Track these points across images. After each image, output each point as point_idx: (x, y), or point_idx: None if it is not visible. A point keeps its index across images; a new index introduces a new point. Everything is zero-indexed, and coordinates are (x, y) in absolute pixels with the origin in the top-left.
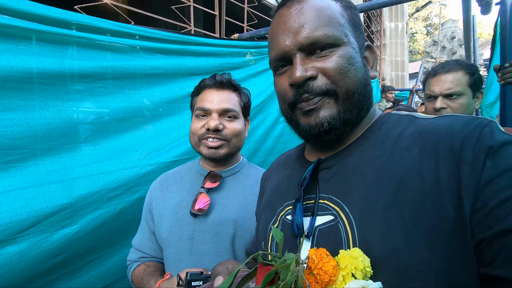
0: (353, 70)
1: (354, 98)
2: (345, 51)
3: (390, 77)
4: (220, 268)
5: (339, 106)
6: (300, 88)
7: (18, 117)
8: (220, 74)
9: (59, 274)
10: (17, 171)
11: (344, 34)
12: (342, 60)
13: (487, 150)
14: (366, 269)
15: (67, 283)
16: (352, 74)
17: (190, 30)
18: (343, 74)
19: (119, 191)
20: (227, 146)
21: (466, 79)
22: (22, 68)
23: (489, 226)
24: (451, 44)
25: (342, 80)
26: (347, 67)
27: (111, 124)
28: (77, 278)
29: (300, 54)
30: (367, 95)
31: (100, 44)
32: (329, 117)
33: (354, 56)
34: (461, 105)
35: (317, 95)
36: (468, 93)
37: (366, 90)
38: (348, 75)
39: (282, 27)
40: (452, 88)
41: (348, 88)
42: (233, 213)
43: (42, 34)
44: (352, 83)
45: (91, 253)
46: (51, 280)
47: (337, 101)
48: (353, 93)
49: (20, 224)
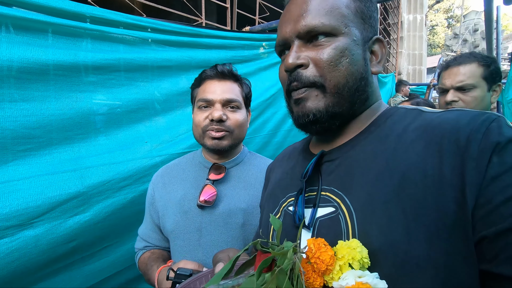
0: (345, 63)
1: (344, 92)
2: (341, 42)
3: (407, 71)
4: (221, 255)
5: (327, 100)
6: (291, 75)
7: (34, 108)
8: (221, 65)
9: (73, 260)
10: (33, 159)
11: (344, 24)
12: (334, 52)
13: (493, 146)
14: (364, 260)
15: (82, 268)
16: (344, 67)
17: (201, 23)
18: (333, 66)
19: (130, 181)
20: (230, 137)
21: (480, 71)
22: (38, 60)
23: (493, 223)
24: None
25: (331, 73)
26: (338, 60)
27: (123, 115)
28: (91, 264)
29: (298, 42)
30: (362, 89)
31: (113, 36)
32: (314, 109)
33: (351, 49)
34: (474, 98)
35: (304, 85)
36: (482, 85)
37: (360, 84)
38: (339, 68)
39: (287, 16)
40: (464, 80)
41: (337, 81)
42: (241, 202)
43: (58, 27)
44: (342, 76)
45: (103, 241)
46: (67, 265)
47: (325, 94)
48: (343, 87)
49: (36, 210)
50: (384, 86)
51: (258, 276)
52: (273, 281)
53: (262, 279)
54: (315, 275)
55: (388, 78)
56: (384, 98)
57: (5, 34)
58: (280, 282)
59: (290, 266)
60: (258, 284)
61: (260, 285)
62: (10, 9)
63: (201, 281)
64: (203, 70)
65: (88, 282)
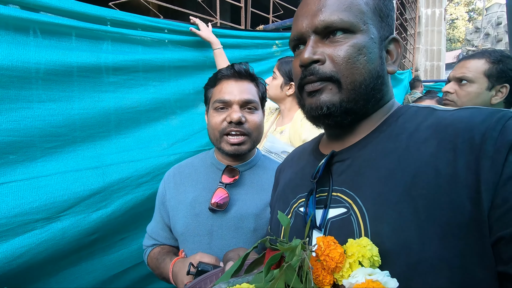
0: (363, 60)
1: (360, 89)
2: (359, 39)
3: (425, 68)
4: (231, 254)
5: (342, 95)
6: (306, 70)
7: (59, 107)
8: (237, 64)
9: (94, 249)
10: (59, 156)
11: (363, 22)
12: (352, 50)
13: (510, 144)
14: (374, 258)
15: (102, 258)
16: (362, 65)
17: (216, 22)
18: (350, 63)
19: (147, 178)
20: (249, 141)
21: (484, 68)
22: (63, 62)
23: (510, 224)
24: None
25: (349, 70)
26: (356, 57)
27: (141, 115)
28: (110, 254)
29: (314, 37)
30: (378, 88)
31: (132, 38)
32: (328, 102)
33: (368, 46)
34: (468, 93)
35: (320, 79)
36: (482, 82)
37: (376, 83)
38: (356, 66)
39: (304, 9)
40: (464, 73)
41: (354, 78)
42: (254, 207)
43: (81, 30)
44: (359, 73)
45: (122, 233)
46: (88, 253)
47: (341, 89)
48: (360, 84)
49: (62, 205)
50: (400, 82)
51: (267, 273)
52: (281, 277)
53: (271, 275)
54: (324, 272)
55: (405, 74)
56: (401, 94)
57: (33, 38)
58: (289, 279)
59: (298, 262)
60: (266, 280)
61: (269, 281)
62: (38, 15)
63: (212, 279)
64: (218, 70)
65: (109, 272)
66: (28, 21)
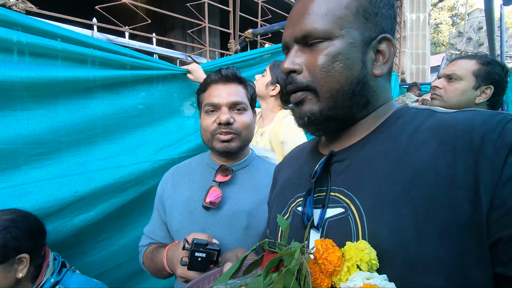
0: (339, 67)
1: (339, 97)
2: (335, 46)
3: (410, 71)
4: (230, 255)
5: (321, 104)
6: (287, 79)
7: (44, 114)
8: (225, 68)
9: (74, 251)
10: (44, 163)
11: (340, 27)
12: (326, 58)
13: (510, 147)
14: (372, 262)
15: (82, 259)
16: (337, 72)
17: (204, 26)
18: (324, 72)
19: (133, 183)
20: (238, 139)
21: (474, 68)
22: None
23: (508, 226)
24: (478, 35)
25: (323, 79)
26: (331, 65)
27: (128, 121)
28: (91, 256)
29: (296, 46)
30: (358, 93)
31: (117, 60)
32: (309, 112)
33: (345, 52)
34: (455, 89)
35: (298, 88)
36: (470, 81)
37: (356, 89)
38: (331, 74)
39: (289, 18)
40: (454, 70)
41: (330, 87)
42: (246, 205)
43: (66, 53)
44: (335, 81)
45: (102, 234)
46: (68, 255)
47: (319, 98)
48: (337, 92)
49: (46, 211)
50: None
51: (265, 276)
52: (280, 281)
53: (269, 279)
54: (322, 276)
55: (391, 77)
56: None
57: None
58: (287, 282)
59: (297, 266)
60: (265, 284)
61: (267, 285)
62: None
63: (209, 280)
64: (208, 75)
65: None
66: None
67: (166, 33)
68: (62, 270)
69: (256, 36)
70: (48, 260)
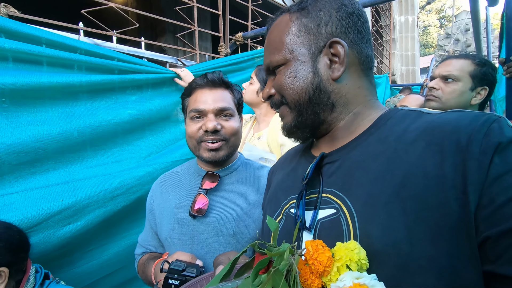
0: (294, 82)
1: (301, 106)
2: (289, 67)
3: (400, 72)
4: (222, 258)
5: (293, 114)
6: (270, 103)
7: (30, 122)
8: (211, 73)
9: (61, 262)
10: (28, 172)
11: (288, 52)
12: (284, 78)
13: (495, 146)
14: (362, 262)
15: (70, 271)
16: (295, 86)
17: (194, 30)
18: (286, 88)
19: (121, 191)
20: (226, 146)
21: (470, 68)
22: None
23: (496, 224)
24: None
25: (287, 94)
26: (287, 82)
27: (116, 127)
28: (78, 267)
29: (269, 76)
30: (317, 99)
31: (104, 64)
32: (287, 122)
33: (296, 70)
34: (453, 90)
35: (277, 106)
36: (466, 82)
37: (314, 95)
38: (291, 88)
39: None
40: (451, 71)
41: (292, 98)
42: (233, 211)
43: (52, 58)
44: (294, 93)
45: (89, 244)
46: (55, 266)
47: (291, 109)
48: (298, 101)
49: (30, 221)
50: (378, 86)
51: (254, 277)
52: (269, 281)
53: (259, 280)
54: (313, 276)
55: (382, 79)
56: (379, 98)
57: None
58: (276, 283)
59: (286, 267)
60: (254, 285)
61: (256, 286)
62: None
63: (202, 283)
64: (193, 79)
65: (77, 285)
66: None
67: (157, 37)
68: (45, 282)
69: (246, 39)
70: (28, 274)
